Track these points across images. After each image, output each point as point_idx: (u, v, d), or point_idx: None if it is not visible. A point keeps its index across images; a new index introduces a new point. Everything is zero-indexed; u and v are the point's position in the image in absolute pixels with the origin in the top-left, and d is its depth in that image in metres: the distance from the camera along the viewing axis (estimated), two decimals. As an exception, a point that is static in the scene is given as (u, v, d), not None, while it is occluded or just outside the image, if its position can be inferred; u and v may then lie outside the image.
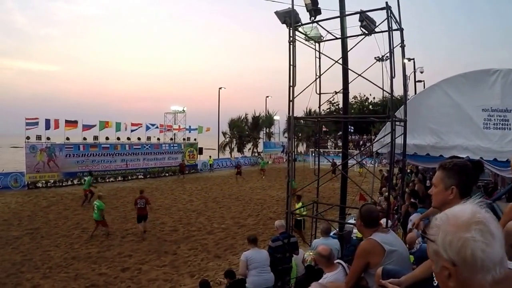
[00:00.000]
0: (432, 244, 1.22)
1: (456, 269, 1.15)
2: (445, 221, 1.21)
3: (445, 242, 1.17)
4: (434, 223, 1.25)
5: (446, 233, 1.17)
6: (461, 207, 1.23)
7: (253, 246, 7.17)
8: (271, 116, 51.82)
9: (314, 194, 11.49)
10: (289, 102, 8.12)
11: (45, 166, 26.21)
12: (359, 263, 3.34)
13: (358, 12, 7.78)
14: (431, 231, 1.24)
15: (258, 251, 7.06)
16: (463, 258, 1.13)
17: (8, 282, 9.87)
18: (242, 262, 7.08)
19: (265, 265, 6.93)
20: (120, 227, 15.28)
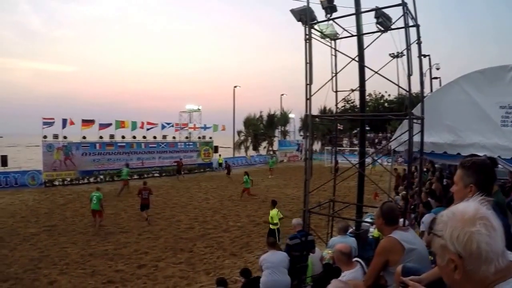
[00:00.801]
0: (439, 239, 1.31)
1: (462, 261, 1.23)
2: (451, 217, 1.30)
3: (452, 236, 1.25)
4: (440, 219, 1.33)
5: (453, 228, 1.26)
6: (465, 205, 1.33)
7: (271, 249, 7.13)
8: (286, 114, 51.66)
9: (329, 193, 11.43)
10: (306, 101, 8.07)
11: (62, 164, 26.54)
12: (378, 260, 3.33)
13: (374, 9, 7.72)
14: (438, 227, 1.33)
15: (273, 253, 7.01)
16: (469, 250, 1.22)
17: (25, 277, 10.04)
18: (259, 264, 7.10)
19: (279, 266, 6.83)
20: (136, 225, 15.41)
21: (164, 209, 18.41)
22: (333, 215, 9.88)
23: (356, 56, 8.57)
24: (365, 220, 9.82)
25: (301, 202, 18.40)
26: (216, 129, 37.93)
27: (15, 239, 13.46)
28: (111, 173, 28.55)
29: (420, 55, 7.52)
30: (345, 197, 17.61)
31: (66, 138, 27.13)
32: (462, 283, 1.28)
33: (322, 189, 9.87)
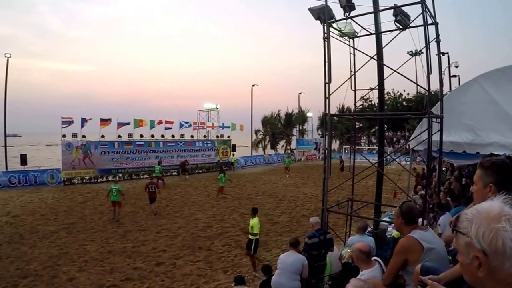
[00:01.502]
0: (464, 237, 1.32)
1: (487, 258, 1.24)
2: (476, 215, 1.31)
3: (478, 234, 1.26)
4: (465, 217, 1.35)
5: (479, 225, 1.27)
6: (490, 203, 1.34)
7: (291, 249, 7.11)
8: (304, 113, 51.52)
9: (347, 192, 11.38)
10: (325, 99, 8.06)
11: (80, 163, 26.87)
12: (397, 260, 3.34)
13: (392, 7, 7.67)
14: (462, 224, 1.34)
15: (288, 255, 6.95)
16: (494, 247, 1.22)
17: (45, 274, 10.23)
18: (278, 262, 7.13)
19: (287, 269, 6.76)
20: (154, 223, 15.56)
21: (182, 208, 18.55)
22: (352, 214, 9.85)
23: (375, 54, 8.52)
24: (384, 219, 9.77)
25: (318, 201, 18.42)
26: (234, 128, 37.99)
27: (35, 236, 13.72)
28: (129, 171, 28.80)
29: (439, 53, 7.45)
30: (363, 196, 17.51)
31: (84, 137, 27.46)
32: (486, 281, 1.29)
33: (340, 188, 9.83)
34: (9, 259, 11.39)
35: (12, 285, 9.53)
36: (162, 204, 19.40)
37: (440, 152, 7.78)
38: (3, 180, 24.52)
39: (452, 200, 9.14)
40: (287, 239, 12.82)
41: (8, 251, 12.06)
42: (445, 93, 11.09)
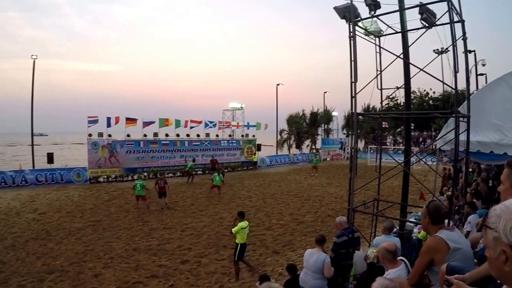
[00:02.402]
0: (492, 232, 1.34)
1: None
2: (505, 210, 1.33)
3: (505, 229, 1.28)
4: (494, 213, 1.36)
5: (507, 221, 1.29)
6: None
7: (317, 246, 7.06)
8: (329, 112, 51.07)
9: (373, 192, 11.30)
10: (352, 98, 8.03)
11: (106, 161, 27.25)
12: (423, 259, 3.33)
13: (418, 5, 7.60)
14: (491, 220, 1.36)
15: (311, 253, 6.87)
16: None
17: (71, 270, 10.46)
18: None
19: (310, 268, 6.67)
20: (179, 221, 15.71)
21: (208, 206, 18.66)
22: (377, 214, 9.78)
23: (401, 53, 8.45)
24: (410, 220, 9.67)
25: (344, 201, 18.33)
26: (260, 127, 37.94)
27: (61, 233, 14.03)
28: (154, 170, 29.11)
29: (465, 51, 7.34)
30: (389, 197, 17.36)
31: (110, 136, 27.84)
32: None
33: (366, 188, 9.77)
34: (35, 255, 11.69)
35: (39, 280, 9.77)
36: (187, 202, 19.64)
37: (467, 152, 7.66)
38: (30, 178, 25.12)
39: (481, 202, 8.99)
40: (311, 239, 12.79)
41: (35, 247, 12.38)
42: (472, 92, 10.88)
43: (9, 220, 15.90)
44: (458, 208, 9.12)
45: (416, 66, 8.16)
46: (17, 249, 12.17)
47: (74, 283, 9.62)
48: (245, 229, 10.16)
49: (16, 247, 12.36)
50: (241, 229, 10.00)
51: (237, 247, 10.02)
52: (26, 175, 25.24)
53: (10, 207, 18.53)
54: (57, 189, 23.41)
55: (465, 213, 8.09)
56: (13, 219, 16.08)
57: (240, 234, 10.02)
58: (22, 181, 24.78)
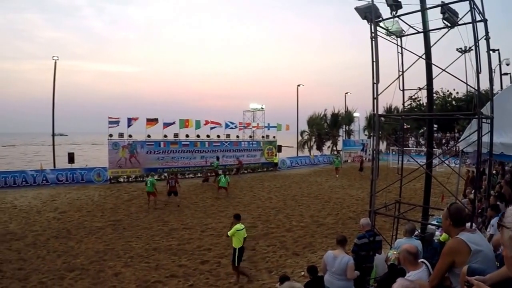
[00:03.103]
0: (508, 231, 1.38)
1: None
2: None
3: None
4: (510, 212, 1.41)
5: None
6: None
7: (339, 247, 6.98)
8: (351, 113, 50.61)
9: (394, 194, 11.19)
10: (373, 100, 7.97)
11: (127, 162, 27.57)
12: (444, 261, 3.31)
13: (440, 4, 7.51)
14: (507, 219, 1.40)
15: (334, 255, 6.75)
16: None
17: (91, 268, 10.62)
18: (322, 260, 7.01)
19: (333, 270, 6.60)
20: (199, 222, 15.80)
21: (227, 207, 18.72)
22: (399, 217, 9.68)
23: (423, 54, 8.35)
24: (432, 222, 9.54)
25: (365, 203, 18.20)
26: (280, 129, 37.80)
27: (82, 232, 14.26)
28: (174, 171, 29.31)
29: (488, 50, 7.22)
30: (411, 199, 17.14)
31: (131, 137, 28.12)
32: None
33: (387, 191, 9.70)
34: (56, 253, 11.90)
35: (59, 277, 9.93)
36: (207, 203, 19.77)
37: (490, 154, 7.52)
38: (51, 178, 25.67)
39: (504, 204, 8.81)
40: (332, 241, 12.74)
41: (55, 245, 12.61)
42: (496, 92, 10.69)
43: (30, 219, 16.25)
44: (481, 211, 8.97)
45: (438, 67, 8.06)
46: (38, 247, 12.41)
47: (94, 281, 9.76)
48: (241, 231, 9.83)
49: (37, 245, 12.61)
50: (236, 231, 9.73)
51: (234, 251, 9.75)
52: (47, 174, 25.79)
53: (31, 205, 18.95)
54: (77, 189, 23.79)
55: (488, 216, 7.95)
56: (34, 218, 16.43)
57: (236, 237, 9.75)
58: (43, 181, 25.35)
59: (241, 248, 9.81)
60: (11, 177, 24.68)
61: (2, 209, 18.04)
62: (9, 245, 12.63)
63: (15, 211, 17.68)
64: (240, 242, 9.77)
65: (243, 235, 9.94)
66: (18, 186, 24.34)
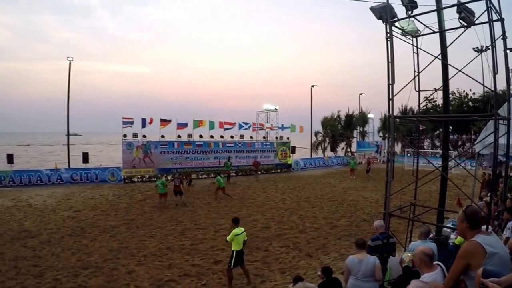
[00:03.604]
0: None
1: None
2: None
3: None
4: None
5: None
6: None
7: (360, 250, 6.87)
8: (365, 114, 50.08)
9: (409, 197, 11.08)
10: (389, 101, 7.92)
11: (141, 162, 27.80)
12: (459, 264, 3.28)
13: (456, 4, 7.43)
14: None
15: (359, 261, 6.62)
16: None
17: (105, 266, 10.72)
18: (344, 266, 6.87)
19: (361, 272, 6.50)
20: (213, 222, 15.81)
21: (241, 208, 18.74)
22: (414, 219, 9.58)
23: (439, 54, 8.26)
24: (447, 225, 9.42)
25: (379, 205, 18.05)
26: (294, 130, 37.58)
27: (96, 230, 14.42)
28: (188, 171, 29.37)
29: (505, 50, 7.11)
30: (426, 202, 16.97)
31: (145, 137, 28.31)
32: None
33: (402, 193, 9.60)
34: (70, 250, 12.04)
35: (74, 275, 10.03)
36: (221, 204, 19.77)
37: (507, 156, 7.42)
38: (65, 177, 26.08)
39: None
40: (346, 244, 12.68)
41: (70, 243, 12.77)
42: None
43: (45, 217, 16.49)
44: (498, 213, 8.83)
45: (455, 67, 7.97)
46: (52, 245, 12.58)
47: (108, 279, 9.83)
48: (240, 235, 9.53)
49: (51, 243, 12.78)
50: (235, 236, 9.45)
51: (232, 254, 9.49)
52: (62, 173, 26.19)
53: (46, 204, 19.25)
54: (91, 188, 24.00)
55: (505, 219, 7.82)
56: (48, 216, 16.66)
57: (235, 241, 9.50)
58: (57, 180, 25.76)
59: (240, 251, 9.58)
60: (27, 176, 25.15)
61: (18, 207, 18.35)
62: (24, 242, 12.83)
63: (30, 209, 17.96)
64: (239, 245, 9.54)
65: (243, 238, 9.68)
66: (33, 184, 24.77)
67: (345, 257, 10.72)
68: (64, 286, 9.40)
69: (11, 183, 24.37)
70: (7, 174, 24.72)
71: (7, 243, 12.67)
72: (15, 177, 24.72)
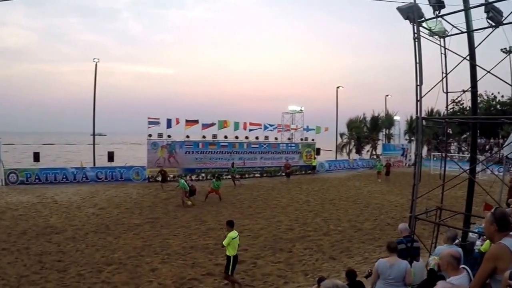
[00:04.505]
0: None
1: None
2: None
3: None
4: None
5: None
6: None
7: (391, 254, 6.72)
8: (391, 117, 49.23)
9: (434, 202, 10.90)
10: (417, 102, 7.83)
11: (165, 161, 28.07)
12: (486, 267, 3.21)
13: (484, 3, 7.29)
14: None
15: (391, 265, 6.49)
16: None
17: (128, 263, 10.86)
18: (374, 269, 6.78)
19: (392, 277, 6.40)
20: (237, 223, 15.59)
21: (265, 209, 18.73)
22: (440, 223, 9.41)
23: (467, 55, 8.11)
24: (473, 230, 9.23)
25: (404, 209, 17.81)
26: (319, 131, 37.25)
27: (120, 228, 14.64)
28: (212, 171, 29.44)
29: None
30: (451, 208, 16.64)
31: (170, 137, 28.59)
32: None
33: (427, 197, 9.44)
34: (95, 247, 12.25)
35: (97, 271, 10.20)
36: (245, 205, 19.85)
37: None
38: (90, 175, 26.59)
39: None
40: (370, 247, 12.55)
41: (94, 240, 13.00)
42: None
43: (69, 214, 16.85)
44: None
45: (484, 68, 7.80)
46: (77, 241, 12.83)
47: (131, 276, 9.95)
48: (235, 239, 9.25)
49: (76, 239, 13.04)
50: (231, 240, 9.11)
51: (229, 260, 9.15)
52: (87, 172, 26.74)
53: (71, 201, 19.64)
54: (116, 186, 24.37)
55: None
56: (73, 213, 17.02)
57: (232, 246, 9.15)
58: (83, 178, 26.30)
59: (236, 256, 9.27)
60: (52, 174, 25.76)
61: (43, 204, 18.82)
62: (49, 238, 13.13)
63: (55, 206, 18.39)
64: (234, 250, 9.24)
65: (237, 242, 9.41)
66: (58, 182, 25.36)
67: (369, 261, 10.71)
68: (87, 281, 9.54)
69: (37, 181, 24.98)
70: (33, 172, 25.34)
71: (32, 238, 12.98)
72: (41, 175, 25.29)
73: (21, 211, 17.20)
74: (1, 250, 11.61)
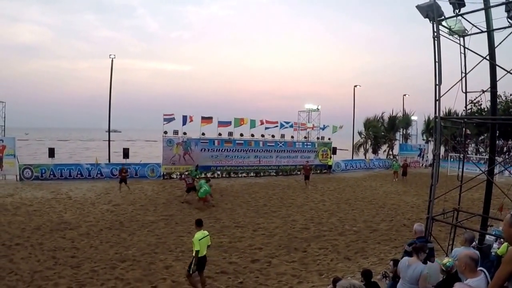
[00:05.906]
0: None
1: None
2: None
3: None
4: None
5: None
6: None
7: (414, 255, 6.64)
8: (409, 116, 48.65)
9: (451, 204, 10.78)
10: (436, 102, 7.76)
11: (180, 159, 28.03)
12: (505, 269, 3.17)
13: (504, 2, 7.17)
14: None
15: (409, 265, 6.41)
16: None
17: (142, 260, 10.92)
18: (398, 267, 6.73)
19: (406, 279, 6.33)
20: (251, 221, 15.85)
21: (280, 208, 18.70)
22: (457, 225, 9.30)
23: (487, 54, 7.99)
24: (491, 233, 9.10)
25: (420, 211, 17.65)
26: (336, 130, 36.87)
27: (134, 225, 14.72)
28: (228, 169, 29.46)
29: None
30: (468, 210, 16.45)
31: (185, 134, 28.54)
32: None
33: (443, 199, 9.33)
34: (109, 243, 12.36)
35: (111, 267, 10.29)
36: (260, 203, 19.81)
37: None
38: (105, 172, 26.74)
39: None
40: (385, 248, 12.47)
41: (108, 236, 13.10)
42: None
43: (84, 210, 16.99)
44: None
45: (504, 69, 7.68)
46: (91, 237, 12.94)
47: (145, 273, 10.02)
48: (203, 240, 8.89)
49: (90, 235, 13.15)
50: (198, 241, 8.72)
51: (193, 258, 8.80)
52: (102, 168, 26.88)
53: (85, 197, 19.79)
54: (131, 183, 24.32)
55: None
56: (88, 209, 17.16)
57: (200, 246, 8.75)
58: (97, 174, 26.46)
59: (202, 257, 8.88)
60: (67, 170, 25.95)
61: (57, 200, 18.99)
62: (63, 233, 13.25)
63: (70, 202, 18.55)
64: (203, 250, 8.93)
65: (206, 243, 9.13)
66: (73, 178, 25.54)
67: (384, 262, 10.66)
68: (101, 277, 9.63)
69: (51, 176, 25.16)
70: (48, 167, 25.53)
71: (46, 234, 13.12)
72: (55, 171, 25.48)
73: (35, 206, 17.38)
74: (15, 245, 11.76)
